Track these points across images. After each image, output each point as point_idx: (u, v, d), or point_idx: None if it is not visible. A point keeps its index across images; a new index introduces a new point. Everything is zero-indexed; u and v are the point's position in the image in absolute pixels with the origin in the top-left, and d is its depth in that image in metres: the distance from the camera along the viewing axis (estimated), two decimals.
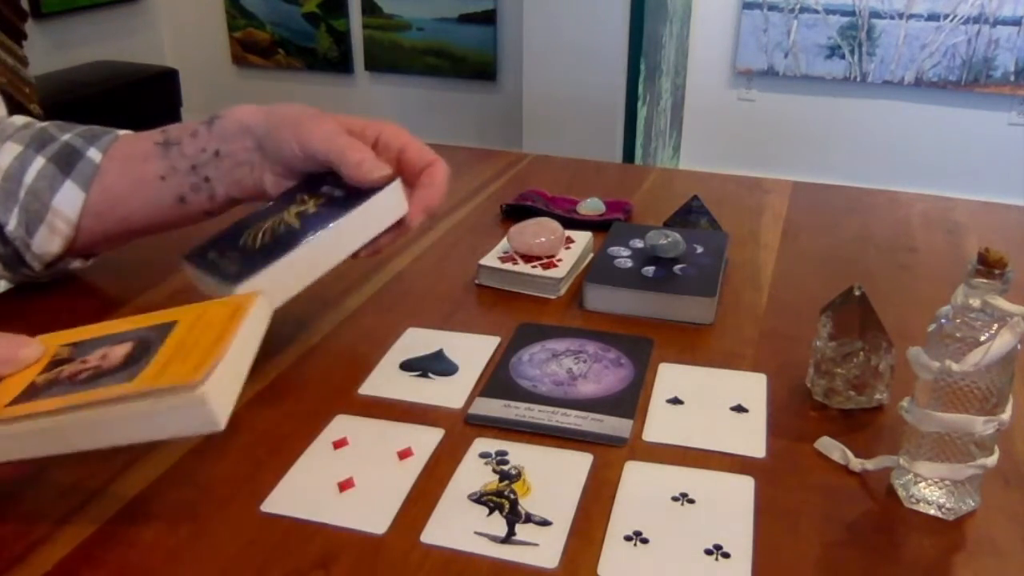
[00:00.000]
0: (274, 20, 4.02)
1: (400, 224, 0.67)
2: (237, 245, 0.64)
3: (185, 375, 0.47)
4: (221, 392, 0.47)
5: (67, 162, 0.72)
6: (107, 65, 3.72)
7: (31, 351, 0.53)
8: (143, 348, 0.51)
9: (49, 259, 0.74)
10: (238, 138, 0.70)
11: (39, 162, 0.72)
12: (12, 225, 0.72)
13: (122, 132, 0.76)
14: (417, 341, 0.72)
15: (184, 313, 0.54)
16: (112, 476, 0.56)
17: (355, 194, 0.65)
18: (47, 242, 0.73)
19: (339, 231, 0.64)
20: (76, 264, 0.78)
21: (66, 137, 0.74)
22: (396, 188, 0.66)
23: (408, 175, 0.69)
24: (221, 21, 4.11)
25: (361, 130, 0.68)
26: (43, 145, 0.73)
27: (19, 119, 0.78)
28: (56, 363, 0.53)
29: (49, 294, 0.80)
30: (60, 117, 0.82)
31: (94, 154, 0.73)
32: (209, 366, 0.47)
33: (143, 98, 3.67)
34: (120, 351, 0.52)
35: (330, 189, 0.66)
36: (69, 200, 0.72)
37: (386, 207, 0.66)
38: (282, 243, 0.63)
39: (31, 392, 0.50)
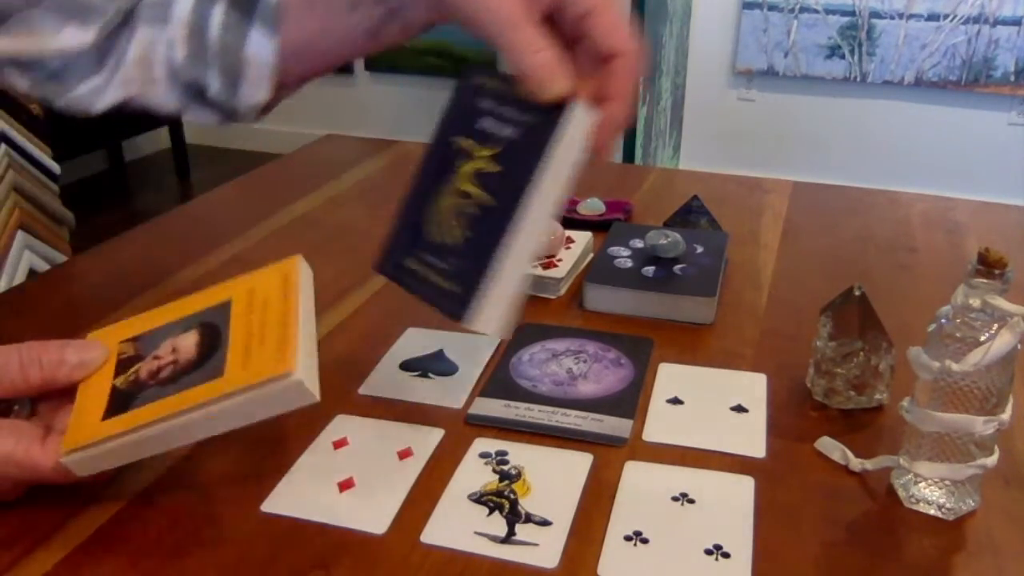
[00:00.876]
0: None
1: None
2: (428, 243, 0.53)
3: (275, 365, 0.48)
4: (309, 366, 0.49)
5: (245, 6, 0.66)
6: None
7: (99, 353, 0.54)
8: (211, 335, 0.52)
9: (261, 107, 0.70)
10: None
11: (218, 11, 0.66)
12: (214, 88, 0.67)
13: None
14: (417, 341, 0.72)
15: (234, 288, 0.55)
16: (112, 476, 0.56)
17: (532, 126, 0.49)
18: (253, 93, 0.68)
19: (546, 184, 0.48)
20: (286, 97, 0.73)
21: None
22: (582, 118, 0.48)
23: (583, 58, 0.51)
24: None
25: None
26: None
27: None
28: (124, 362, 0.53)
29: (49, 295, 0.80)
30: (60, 117, 0.81)
31: None
32: (293, 349, 0.49)
33: None
34: (189, 342, 0.53)
35: (495, 124, 0.51)
36: (262, 48, 0.66)
37: (573, 143, 0.49)
38: (486, 232, 0.49)
39: (119, 401, 0.51)
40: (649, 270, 0.80)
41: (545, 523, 0.52)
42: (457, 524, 0.52)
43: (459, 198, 0.52)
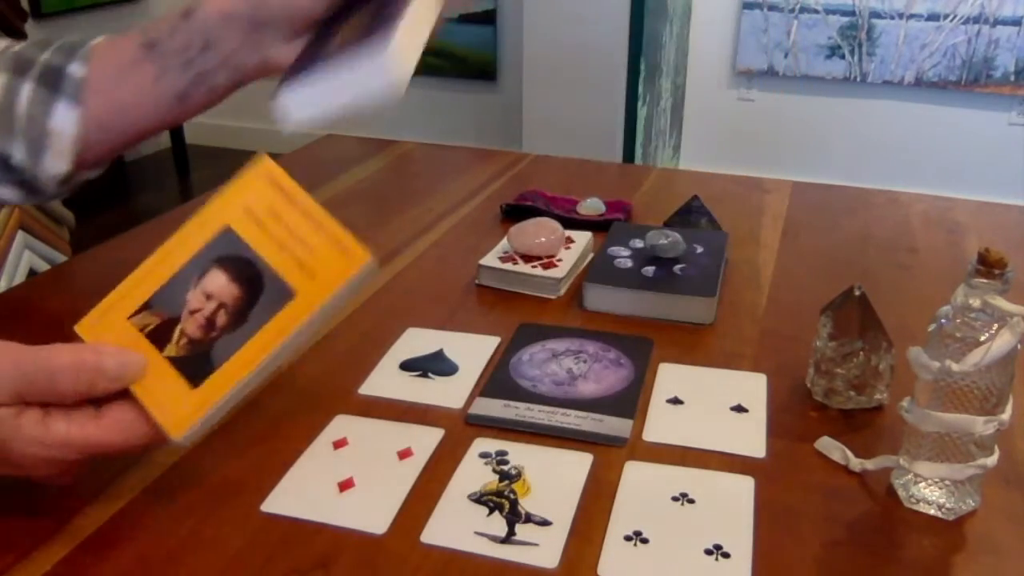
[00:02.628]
0: None
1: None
2: (328, 56, 0.60)
3: (348, 262, 0.50)
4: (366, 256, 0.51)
5: (52, 82, 0.71)
6: None
7: (136, 358, 0.51)
8: (238, 265, 0.52)
9: (61, 178, 0.73)
10: (225, 28, 0.68)
11: (26, 88, 0.71)
12: (17, 157, 0.71)
13: (94, 41, 0.74)
14: (417, 341, 0.72)
15: (223, 212, 0.54)
16: (112, 476, 0.56)
17: None
18: (54, 164, 0.71)
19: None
20: (90, 175, 0.76)
21: (44, 57, 0.72)
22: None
23: None
24: None
25: None
26: (25, 69, 0.72)
27: None
28: (157, 332, 0.52)
29: (48, 295, 0.80)
30: None
31: (76, 68, 0.71)
32: (349, 237, 0.51)
33: None
34: (219, 281, 0.52)
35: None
36: (65, 119, 0.71)
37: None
38: (385, 19, 0.59)
39: (193, 366, 0.50)
40: (649, 270, 0.80)
41: (545, 523, 0.52)
42: (457, 524, 0.52)
43: (350, 31, 0.61)
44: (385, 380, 0.67)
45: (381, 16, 0.60)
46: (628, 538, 0.51)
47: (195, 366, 0.50)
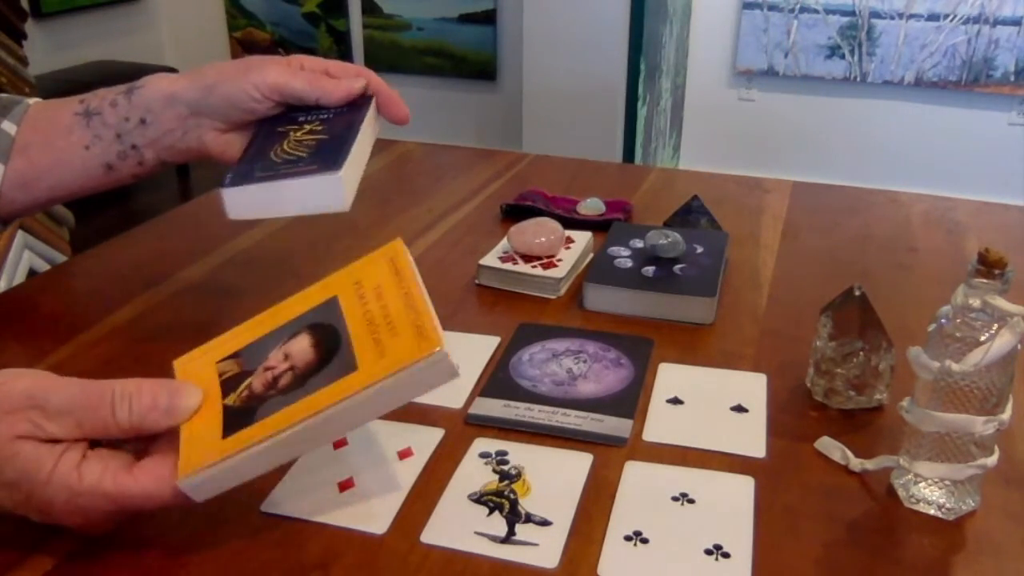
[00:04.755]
0: (274, 20, 4.02)
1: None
2: (277, 160, 0.65)
3: (420, 345, 0.47)
4: (443, 343, 0.48)
5: None
6: (107, 65, 3.72)
7: (192, 399, 0.50)
8: (326, 335, 0.50)
9: None
10: (166, 107, 0.70)
11: None
12: None
13: (32, 101, 0.76)
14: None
15: (336, 284, 0.53)
16: None
17: (344, 110, 0.70)
18: None
19: (369, 127, 0.69)
20: (13, 221, 0.79)
21: None
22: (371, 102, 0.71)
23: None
24: (221, 21, 4.11)
25: (288, 64, 0.71)
26: None
27: None
28: (230, 381, 0.50)
29: (48, 295, 0.80)
30: None
31: (8, 126, 0.73)
32: (434, 326, 0.48)
33: None
34: (302, 344, 0.50)
35: (310, 114, 0.70)
36: None
37: (375, 119, 0.71)
38: (334, 140, 0.65)
39: (237, 417, 0.48)
40: (649, 270, 0.80)
41: (545, 523, 0.52)
42: (457, 524, 0.52)
43: (296, 143, 0.66)
44: None
45: (332, 134, 0.66)
46: (628, 538, 0.51)
47: (237, 418, 0.48)
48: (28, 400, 0.47)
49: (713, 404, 0.64)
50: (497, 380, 0.67)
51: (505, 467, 0.57)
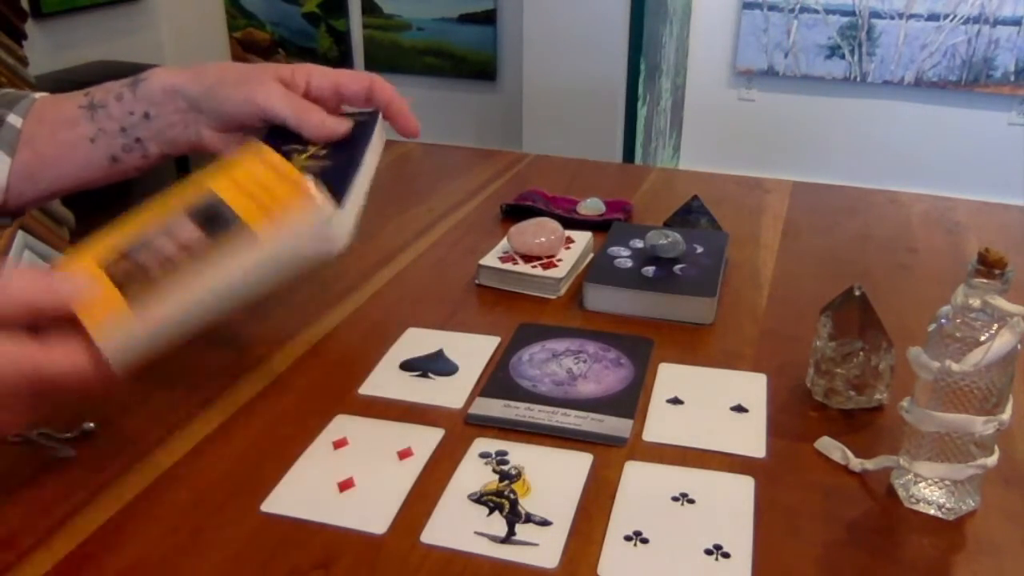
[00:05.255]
0: (274, 20, 4.02)
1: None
2: None
3: (296, 193, 0.51)
4: (346, 212, 0.53)
5: None
6: (107, 65, 3.72)
7: (85, 280, 0.50)
8: (211, 216, 0.52)
9: None
10: (168, 101, 0.71)
11: None
12: None
13: (38, 95, 0.77)
14: (417, 341, 0.72)
15: (209, 178, 0.55)
16: (112, 476, 0.56)
17: (348, 138, 0.67)
18: None
19: (374, 151, 0.66)
20: (4, 221, 0.79)
21: None
22: (380, 118, 0.69)
23: (354, 102, 0.72)
24: (221, 21, 4.11)
25: (292, 79, 0.70)
26: None
27: None
28: (120, 267, 0.50)
29: None
30: None
31: (14, 119, 0.74)
32: (301, 182, 0.52)
33: None
34: (188, 228, 0.51)
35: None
36: None
37: (380, 137, 0.69)
38: (339, 167, 0.63)
39: (135, 281, 0.49)
40: (649, 270, 0.80)
41: (545, 523, 0.52)
42: (457, 524, 0.52)
43: (302, 167, 0.63)
44: (385, 380, 0.67)
45: (336, 160, 0.65)
46: (628, 538, 0.51)
47: (134, 283, 0.49)
48: None
49: (713, 404, 0.64)
50: (497, 380, 0.67)
51: (505, 467, 0.57)
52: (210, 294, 0.49)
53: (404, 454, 0.58)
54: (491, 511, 0.53)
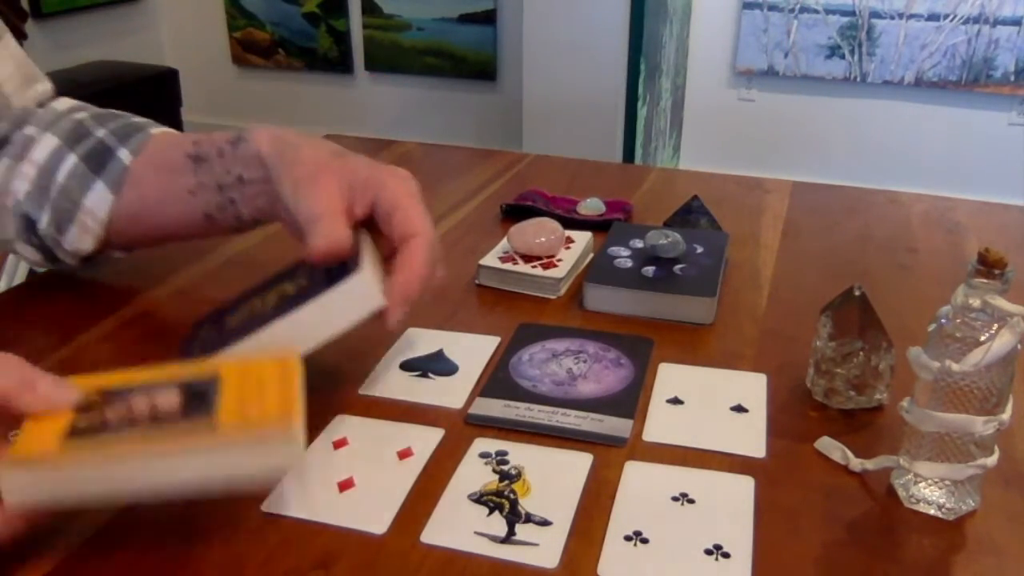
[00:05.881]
0: (274, 20, 4.02)
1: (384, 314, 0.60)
2: (222, 323, 0.63)
3: (277, 418, 0.48)
4: (302, 435, 0.49)
5: (98, 161, 0.73)
6: (107, 65, 3.72)
7: (71, 395, 0.49)
8: (196, 397, 0.49)
9: (83, 255, 0.76)
10: (255, 167, 0.67)
11: (71, 160, 0.73)
12: (43, 223, 0.74)
13: (155, 130, 0.76)
14: (417, 341, 0.72)
15: (223, 366, 0.52)
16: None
17: (327, 281, 0.59)
18: (79, 240, 0.74)
19: (297, 321, 0.58)
20: (117, 255, 0.80)
21: (100, 133, 0.75)
22: (363, 280, 0.58)
23: (389, 247, 0.63)
24: (221, 21, 4.11)
25: (363, 184, 0.63)
26: (77, 140, 0.74)
27: (63, 103, 0.80)
28: (88, 407, 0.48)
29: (49, 295, 0.80)
30: None
31: (124, 155, 0.73)
32: (297, 412, 0.48)
33: (143, 98, 3.66)
34: (169, 398, 0.49)
35: (294, 282, 0.63)
36: (99, 201, 0.73)
37: (354, 299, 0.59)
38: (246, 327, 0.59)
39: (81, 434, 0.46)
40: (649, 270, 0.80)
41: (545, 523, 0.52)
42: (457, 524, 0.52)
43: (257, 305, 0.62)
44: (385, 380, 0.67)
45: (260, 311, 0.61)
46: (628, 538, 0.51)
47: (79, 434, 0.46)
48: None
49: (713, 404, 0.64)
50: (497, 380, 0.67)
51: (505, 467, 0.57)
52: (140, 468, 0.46)
53: (404, 454, 0.58)
54: (491, 511, 0.53)
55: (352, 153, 0.66)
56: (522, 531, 0.52)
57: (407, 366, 0.69)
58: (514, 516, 0.53)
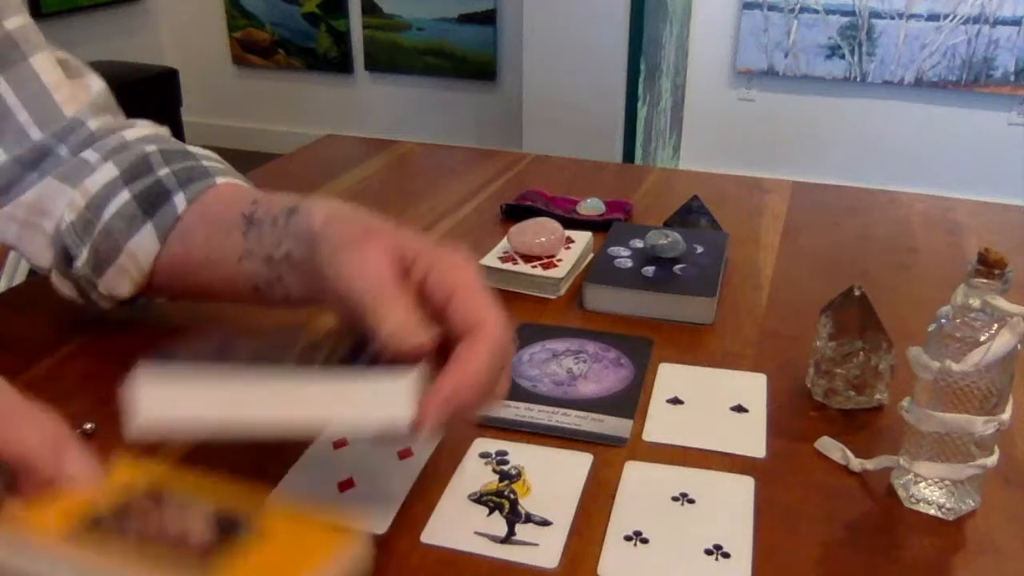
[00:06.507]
0: (274, 20, 4.02)
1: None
2: (233, 346, 0.53)
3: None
4: None
5: (152, 203, 0.66)
6: (107, 65, 3.72)
7: (96, 480, 0.42)
8: (224, 532, 0.40)
9: (119, 299, 0.70)
10: (304, 244, 0.56)
11: (124, 196, 0.66)
12: (80, 260, 0.67)
13: (222, 180, 0.68)
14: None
15: (277, 516, 0.43)
16: None
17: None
18: (116, 283, 0.68)
19: (312, 393, 0.47)
20: (159, 300, 0.73)
21: (162, 173, 0.68)
22: (396, 391, 0.46)
23: (450, 333, 0.50)
24: (221, 21, 4.11)
25: (415, 257, 0.52)
26: (135, 177, 0.67)
27: (138, 130, 0.72)
28: (115, 504, 0.41)
29: (48, 295, 0.80)
30: None
31: (180, 201, 0.66)
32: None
33: (143, 98, 3.66)
34: (199, 528, 0.40)
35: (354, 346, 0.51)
36: (145, 246, 0.67)
37: (379, 402, 0.46)
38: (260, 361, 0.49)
39: (93, 527, 0.39)
40: (649, 270, 0.80)
41: (545, 523, 0.52)
42: (457, 524, 0.52)
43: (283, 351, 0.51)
44: None
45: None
46: (628, 538, 0.51)
47: (91, 528, 0.40)
48: None
49: (713, 404, 0.64)
50: None
51: (505, 467, 0.57)
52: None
53: (404, 454, 0.58)
54: (491, 511, 0.53)
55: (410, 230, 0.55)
56: (522, 531, 0.52)
57: None
58: (514, 516, 0.53)
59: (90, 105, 0.70)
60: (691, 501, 0.54)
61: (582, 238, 0.87)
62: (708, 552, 0.50)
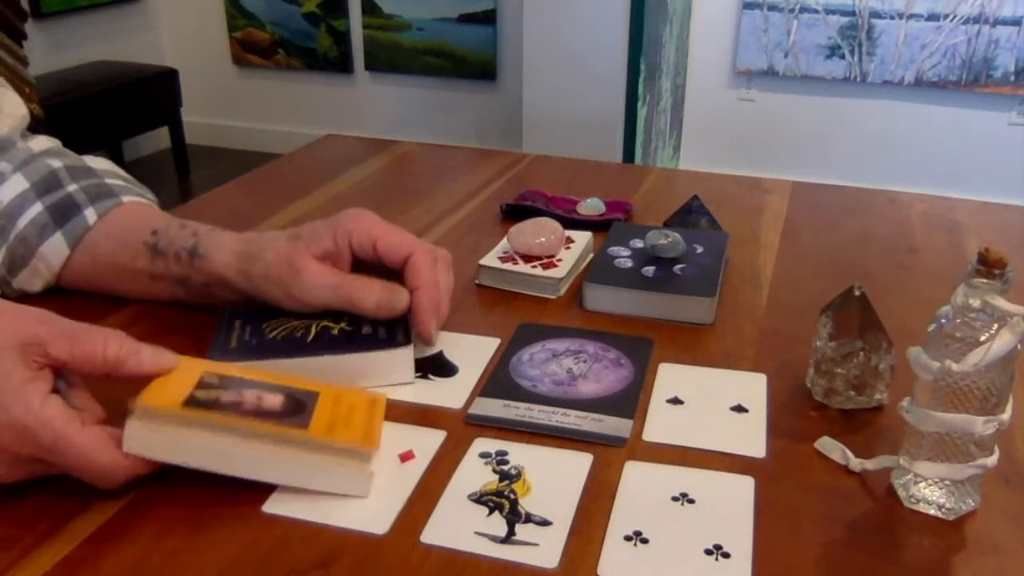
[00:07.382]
0: (274, 20, 4.02)
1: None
2: (260, 328, 0.66)
3: (362, 441, 0.55)
4: (372, 468, 0.55)
5: (63, 214, 0.73)
6: (107, 65, 3.72)
7: (171, 360, 0.56)
8: (296, 405, 0.56)
9: (29, 294, 0.76)
10: (218, 286, 0.69)
11: (36, 208, 0.73)
12: None
13: (127, 199, 0.76)
14: (417, 342, 0.72)
15: (322, 387, 0.59)
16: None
17: (381, 332, 0.66)
18: (28, 282, 0.75)
19: (335, 363, 0.64)
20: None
21: (71, 188, 0.75)
22: (405, 354, 0.66)
23: (392, 268, 0.67)
24: (221, 21, 4.11)
25: (335, 247, 0.66)
26: (47, 191, 0.74)
27: (39, 143, 0.79)
28: (207, 385, 0.55)
29: (48, 295, 0.80)
30: (60, 117, 0.83)
31: (91, 215, 0.74)
32: (375, 442, 0.56)
33: (143, 98, 3.67)
34: (274, 400, 0.56)
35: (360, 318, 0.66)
36: (55, 251, 0.74)
37: (391, 366, 0.66)
38: (285, 348, 0.64)
39: (198, 404, 0.53)
40: (649, 270, 0.80)
41: (545, 523, 0.52)
42: (457, 524, 0.52)
43: (300, 327, 0.66)
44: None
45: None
46: (628, 538, 0.51)
47: (198, 404, 0.53)
48: (39, 314, 0.54)
49: (713, 404, 0.64)
50: (497, 380, 0.67)
51: (505, 467, 0.57)
52: (237, 449, 0.53)
53: (405, 456, 0.58)
54: (491, 511, 0.53)
55: (302, 225, 0.68)
56: (522, 531, 0.52)
57: None
58: (514, 516, 0.53)
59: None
60: (691, 501, 0.54)
61: (582, 238, 0.87)
62: (708, 552, 0.50)
